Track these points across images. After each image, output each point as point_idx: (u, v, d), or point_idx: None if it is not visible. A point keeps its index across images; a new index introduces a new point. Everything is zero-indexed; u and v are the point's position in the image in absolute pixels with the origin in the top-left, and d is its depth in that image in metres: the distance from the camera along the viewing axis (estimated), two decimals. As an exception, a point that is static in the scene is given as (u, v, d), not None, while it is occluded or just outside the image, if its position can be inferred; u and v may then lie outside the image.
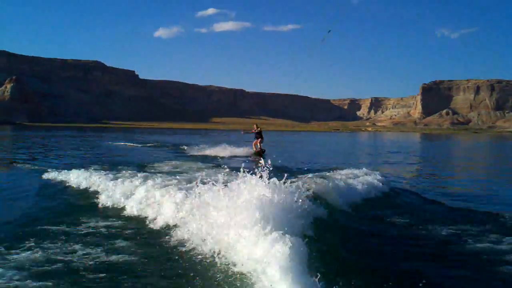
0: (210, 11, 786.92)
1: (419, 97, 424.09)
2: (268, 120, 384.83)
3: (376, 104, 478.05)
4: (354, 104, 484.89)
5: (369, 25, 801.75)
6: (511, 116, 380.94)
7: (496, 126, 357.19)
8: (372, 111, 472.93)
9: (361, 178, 12.81)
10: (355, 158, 34.08)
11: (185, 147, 32.36)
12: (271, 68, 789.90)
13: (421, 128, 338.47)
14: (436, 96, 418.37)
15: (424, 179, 19.98)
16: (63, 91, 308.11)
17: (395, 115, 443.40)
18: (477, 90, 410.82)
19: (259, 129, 27.44)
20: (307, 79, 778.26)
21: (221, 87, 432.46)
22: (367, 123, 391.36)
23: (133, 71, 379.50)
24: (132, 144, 40.65)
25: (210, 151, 27.28)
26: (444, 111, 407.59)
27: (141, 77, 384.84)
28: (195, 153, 27.48)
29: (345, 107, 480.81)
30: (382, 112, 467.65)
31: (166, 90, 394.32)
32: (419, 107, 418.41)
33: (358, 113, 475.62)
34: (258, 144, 27.01)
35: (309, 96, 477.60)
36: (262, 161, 12.12)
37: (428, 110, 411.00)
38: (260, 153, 25.96)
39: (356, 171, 14.14)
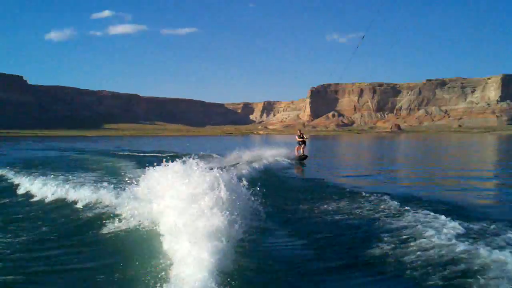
0: (106, 13, 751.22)
1: (308, 100, 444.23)
2: (163, 125, 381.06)
3: (269, 107, 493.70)
4: (248, 108, 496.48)
5: (264, 30, 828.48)
6: (389, 117, 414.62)
7: (377, 126, 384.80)
8: (265, 114, 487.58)
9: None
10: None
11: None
12: (166, 72, 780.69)
13: (309, 130, 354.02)
14: (323, 99, 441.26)
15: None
16: None
17: (286, 118, 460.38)
18: (361, 93, 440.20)
19: (302, 134, 28.19)
20: (202, 84, 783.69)
21: (114, 92, 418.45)
22: (259, 127, 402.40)
23: (21, 77, 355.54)
24: None
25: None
26: (331, 113, 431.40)
27: (30, 82, 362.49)
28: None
29: (239, 111, 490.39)
30: (274, 115, 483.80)
31: (57, 96, 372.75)
32: (308, 110, 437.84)
33: (251, 116, 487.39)
34: (301, 150, 27.43)
35: (204, 100, 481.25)
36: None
37: (316, 112, 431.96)
38: (302, 159, 26.71)
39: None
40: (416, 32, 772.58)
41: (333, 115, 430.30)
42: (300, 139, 27.53)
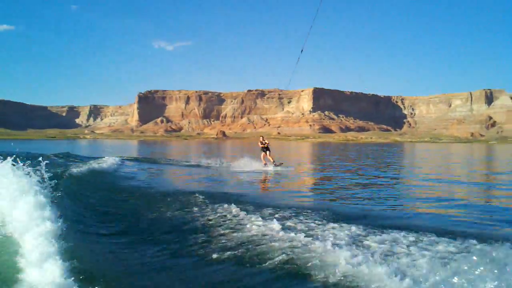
0: None
1: (135, 106, 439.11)
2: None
3: (96, 111, 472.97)
4: (73, 112, 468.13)
5: (89, 32, 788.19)
6: (215, 124, 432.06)
7: (204, 133, 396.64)
8: (92, 118, 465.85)
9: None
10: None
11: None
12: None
13: (137, 135, 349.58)
14: (151, 104, 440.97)
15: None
16: None
17: (114, 123, 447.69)
18: (187, 100, 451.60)
19: (265, 142, 27.12)
20: (23, 85, 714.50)
21: None
22: (86, 131, 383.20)
23: None
24: None
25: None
26: (159, 119, 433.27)
27: None
28: None
29: (64, 114, 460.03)
30: (102, 119, 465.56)
31: None
32: (136, 115, 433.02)
33: (77, 120, 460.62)
34: (268, 156, 26.38)
35: (24, 102, 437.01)
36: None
37: (144, 118, 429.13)
38: (278, 165, 25.71)
39: None
40: (240, 45, 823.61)
41: (162, 121, 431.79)
42: (263, 146, 26.91)
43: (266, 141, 27.16)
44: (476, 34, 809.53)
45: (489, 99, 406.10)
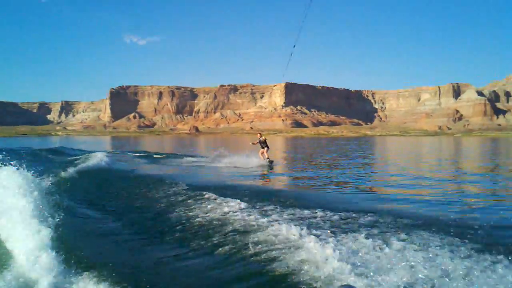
0: None
1: (107, 101, 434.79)
2: None
3: (67, 107, 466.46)
4: (44, 108, 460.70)
5: (57, 27, 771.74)
6: (189, 120, 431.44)
7: (177, 128, 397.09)
8: (63, 114, 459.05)
9: None
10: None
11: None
12: None
13: (110, 131, 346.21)
14: (123, 100, 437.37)
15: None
16: None
17: (86, 119, 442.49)
18: (160, 96, 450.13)
19: (263, 138, 26.72)
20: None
21: None
22: (57, 127, 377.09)
23: None
24: None
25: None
26: (132, 114, 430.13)
27: None
28: None
29: (35, 110, 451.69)
30: (74, 115, 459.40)
31: None
32: (108, 111, 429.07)
33: (48, 116, 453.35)
34: (265, 153, 25.85)
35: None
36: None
37: (116, 114, 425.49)
38: (270, 164, 24.90)
39: None
40: (212, 39, 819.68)
41: (134, 117, 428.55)
42: (262, 142, 26.51)
43: (263, 137, 26.95)
44: (445, 29, 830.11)
45: (457, 92, 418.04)
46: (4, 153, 10.28)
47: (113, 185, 14.97)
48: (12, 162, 9.00)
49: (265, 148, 26.06)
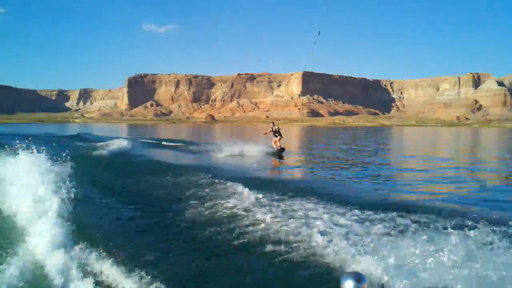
0: None
1: (125, 89, 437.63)
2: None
3: (85, 95, 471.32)
4: (63, 95, 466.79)
5: (77, 16, 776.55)
6: (205, 108, 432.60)
7: (193, 116, 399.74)
8: (81, 102, 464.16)
9: None
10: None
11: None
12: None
13: (127, 119, 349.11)
14: (141, 88, 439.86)
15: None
16: None
17: (104, 107, 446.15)
18: (177, 84, 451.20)
19: (276, 127, 27.25)
20: (11, 68, 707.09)
21: None
22: (75, 115, 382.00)
23: None
24: None
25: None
26: (149, 102, 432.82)
27: None
28: None
29: (53, 98, 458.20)
30: (91, 103, 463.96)
31: None
32: (126, 99, 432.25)
33: (67, 104, 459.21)
34: (278, 142, 26.43)
35: (13, 86, 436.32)
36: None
37: (134, 102, 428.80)
38: (280, 152, 25.76)
39: None
40: (230, 28, 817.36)
41: (151, 105, 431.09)
42: (276, 131, 26.90)
43: (277, 126, 27.33)
44: (466, 19, 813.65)
45: (477, 83, 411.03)
46: (29, 138, 10.95)
47: (131, 171, 15.16)
48: (33, 148, 9.14)
49: (278, 137, 26.36)
